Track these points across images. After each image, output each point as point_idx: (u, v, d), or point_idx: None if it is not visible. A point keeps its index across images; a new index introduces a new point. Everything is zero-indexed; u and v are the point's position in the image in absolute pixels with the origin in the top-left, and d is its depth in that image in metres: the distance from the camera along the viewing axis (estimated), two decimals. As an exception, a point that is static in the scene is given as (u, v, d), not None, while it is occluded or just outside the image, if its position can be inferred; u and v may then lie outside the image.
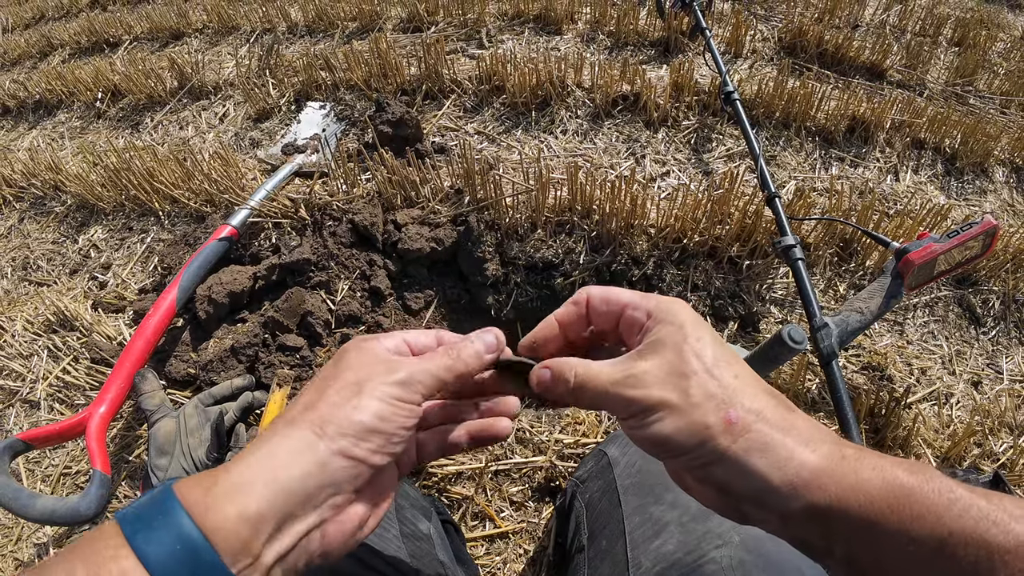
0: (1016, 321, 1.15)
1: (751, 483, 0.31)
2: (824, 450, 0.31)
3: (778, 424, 0.32)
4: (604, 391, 0.34)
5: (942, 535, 0.27)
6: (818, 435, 0.32)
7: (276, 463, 0.30)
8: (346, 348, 0.36)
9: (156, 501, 0.28)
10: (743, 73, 1.66)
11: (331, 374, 0.34)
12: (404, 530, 0.63)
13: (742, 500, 0.32)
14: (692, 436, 0.32)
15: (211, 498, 0.28)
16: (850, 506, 0.29)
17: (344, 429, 0.31)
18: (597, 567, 0.59)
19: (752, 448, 0.31)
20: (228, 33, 2.09)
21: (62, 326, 1.21)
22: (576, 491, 0.74)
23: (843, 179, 1.37)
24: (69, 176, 1.54)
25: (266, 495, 0.29)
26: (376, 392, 0.33)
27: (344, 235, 1.19)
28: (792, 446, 0.31)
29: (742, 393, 0.32)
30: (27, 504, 0.79)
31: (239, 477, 0.29)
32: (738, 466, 0.31)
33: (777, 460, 0.30)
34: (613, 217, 1.16)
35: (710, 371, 0.33)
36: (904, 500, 0.28)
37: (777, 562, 0.48)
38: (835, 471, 0.30)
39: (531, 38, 1.81)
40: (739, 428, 0.31)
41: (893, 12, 1.98)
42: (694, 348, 0.33)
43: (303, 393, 0.34)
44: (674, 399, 0.32)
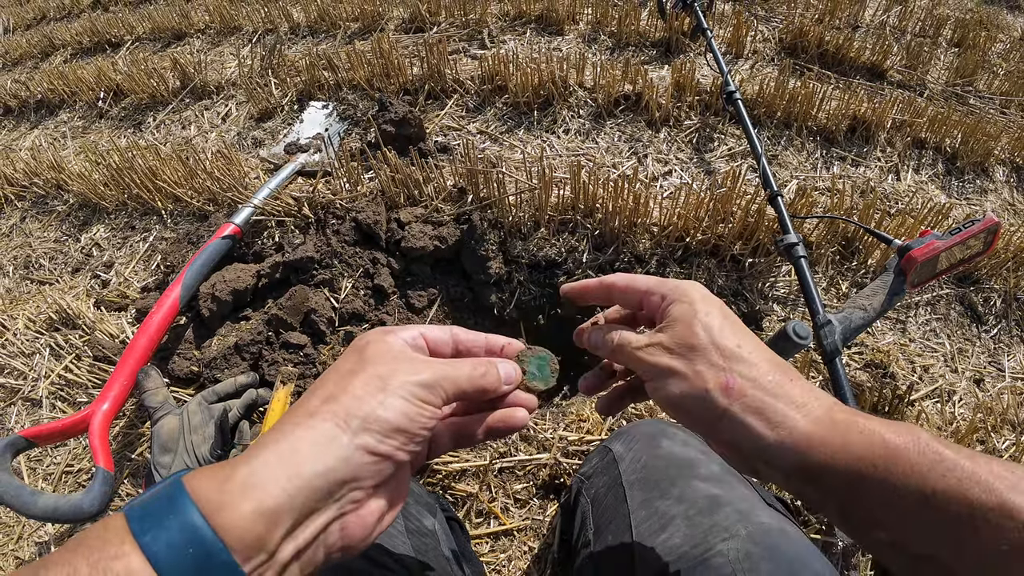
0: (1017, 319, 1.15)
1: (752, 441, 0.34)
2: (816, 414, 0.34)
3: (772, 390, 0.35)
4: (633, 355, 0.40)
5: (926, 492, 0.29)
6: (813, 400, 0.35)
7: (299, 456, 0.29)
8: (367, 340, 0.36)
9: (165, 495, 0.27)
10: (744, 73, 1.66)
11: (353, 367, 0.34)
12: (409, 526, 0.63)
13: (750, 456, 0.35)
14: (694, 398, 0.36)
15: (226, 494, 0.27)
16: (838, 465, 0.31)
17: (369, 424, 0.31)
18: (603, 562, 0.59)
19: (747, 410, 0.35)
20: (230, 33, 2.09)
21: (64, 324, 1.21)
22: (581, 487, 0.74)
23: (844, 178, 1.38)
24: (71, 175, 1.54)
25: (288, 489, 0.28)
26: (401, 390, 0.32)
27: (348, 233, 1.19)
28: (784, 409, 0.34)
29: (742, 362, 0.36)
30: (29, 502, 0.79)
31: (257, 470, 0.28)
32: (736, 424, 0.35)
33: (771, 421, 0.34)
34: (616, 216, 1.16)
35: (715, 342, 0.37)
36: (890, 460, 0.30)
37: (784, 554, 0.48)
38: (824, 435, 0.33)
39: (533, 38, 1.82)
40: (736, 392, 0.35)
41: (893, 13, 1.99)
42: (703, 322, 0.38)
43: (321, 385, 0.33)
44: (680, 366, 0.37)
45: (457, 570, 0.65)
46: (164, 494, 0.27)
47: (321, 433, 0.30)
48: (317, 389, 0.33)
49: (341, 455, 0.30)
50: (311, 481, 0.28)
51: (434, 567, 0.59)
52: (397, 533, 0.60)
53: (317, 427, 0.30)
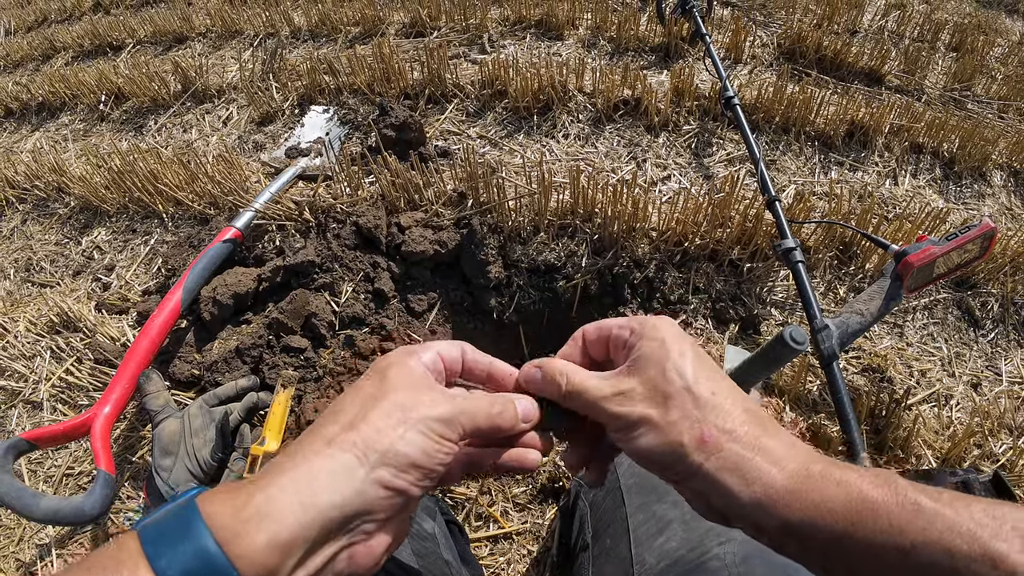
0: (1015, 323, 1.16)
1: (723, 499, 0.33)
2: (791, 468, 0.32)
3: (749, 444, 0.33)
4: (594, 404, 0.37)
5: (905, 546, 0.28)
6: (789, 453, 0.33)
7: (316, 486, 0.29)
8: (389, 362, 0.36)
9: (180, 518, 0.27)
10: (743, 78, 1.67)
11: (375, 392, 0.33)
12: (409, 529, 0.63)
13: (722, 511, 0.34)
14: (668, 453, 0.34)
15: (241, 522, 0.27)
16: (817, 523, 0.30)
17: (387, 459, 0.30)
18: (602, 565, 0.60)
19: (723, 467, 0.33)
20: (231, 37, 2.10)
21: (65, 327, 1.22)
22: (580, 491, 0.74)
23: (842, 183, 1.39)
24: (72, 178, 1.54)
25: (302, 520, 0.28)
26: (421, 424, 0.32)
27: (348, 237, 1.20)
28: (760, 465, 0.32)
29: (717, 411, 0.34)
30: (31, 504, 0.79)
31: (274, 497, 0.28)
32: (709, 482, 0.33)
33: (745, 479, 0.32)
34: (615, 220, 1.16)
35: (690, 388, 0.35)
36: (868, 514, 0.29)
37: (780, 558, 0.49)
38: (800, 490, 0.31)
39: (533, 43, 1.83)
40: (711, 447, 0.33)
41: (891, 18, 2.00)
42: (676, 364, 0.35)
43: (341, 408, 0.33)
44: (654, 416, 0.34)
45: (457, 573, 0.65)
46: (179, 517, 0.27)
47: (339, 464, 0.30)
48: (338, 413, 0.33)
49: (357, 488, 0.29)
50: (326, 512, 0.28)
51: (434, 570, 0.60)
52: (397, 536, 0.60)
53: (336, 457, 0.30)
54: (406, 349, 0.37)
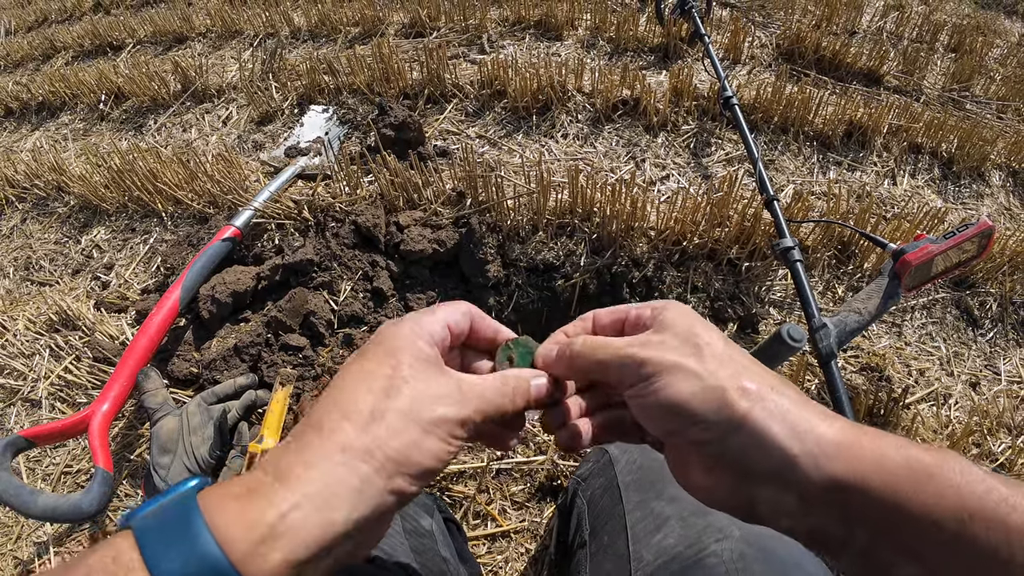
0: (1013, 323, 1.16)
1: (770, 455, 0.29)
2: (839, 424, 0.30)
3: (792, 398, 0.31)
4: (617, 352, 0.34)
5: (963, 516, 0.26)
6: (834, 414, 0.31)
7: (334, 502, 0.27)
8: (397, 343, 0.33)
9: (183, 524, 0.25)
10: (742, 78, 1.67)
11: (386, 383, 0.31)
12: (407, 526, 0.63)
13: (759, 480, 0.30)
14: (708, 399, 0.31)
15: (255, 543, 0.25)
16: (874, 483, 0.27)
17: (404, 468, 0.29)
18: (599, 562, 0.60)
19: (771, 415, 0.30)
20: (231, 37, 2.11)
21: (64, 325, 1.22)
22: (578, 488, 0.74)
23: (841, 183, 1.39)
24: (72, 177, 1.54)
25: (320, 540, 0.26)
26: (439, 430, 0.31)
27: (347, 236, 1.20)
28: (810, 417, 0.30)
29: (754, 369, 0.32)
30: (29, 501, 0.79)
31: (289, 516, 0.26)
32: (756, 434, 0.29)
33: (796, 429, 0.29)
34: (613, 220, 1.17)
35: (722, 347, 0.33)
36: (927, 479, 0.27)
37: (777, 555, 0.49)
38: (855, 446, 0.28)
39: (532, 44, 1.83)
40: (755, 395, 0.30)
41: (890, 19, 2.00)
42: (703, 330, 0.34)
43: (354, 396, 0.31)
44: (689, 363, 0.32)
45: (454, 571, 0.65)
46: (181, 522, 0.25)
47: (358, 477, 0.28)
48: (348, 405, 0.30)
49: (374, 502, 0.28)
50: (343, 529, 0.27)
51: (432, 567, 0.60)
52: (395, 533, 0.60)
53: (353, 469, 0.28)
54: (414, 323, 0.35)
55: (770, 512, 0.31)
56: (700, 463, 0.33)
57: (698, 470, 0.33)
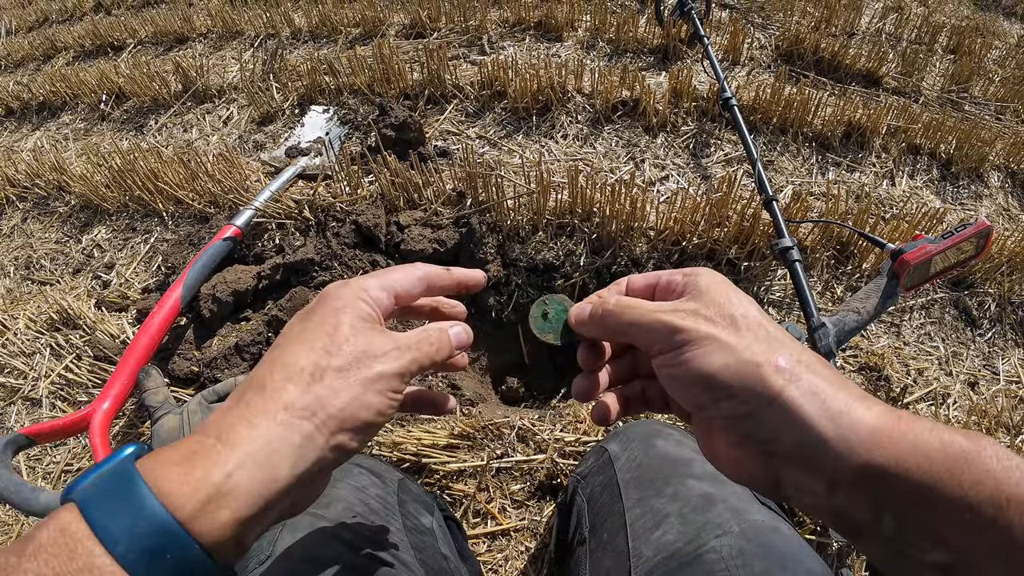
0: (1012, 323, 1.16)
1: (801, 435, 0.28)
2: (878, 408, 0.29)
3: (828, 378, 0.30)
4: (649, 316, 0.33)
5: (1000, 502, 0.25)
6: (869, 396, 0.30)
7: (276, 460, 0.28)
8: (339, 304, 0.34)
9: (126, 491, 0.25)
10: (741, 80, 1.68)
11: (327, 343, 0.32)
12: (407, 523, 0.63)
13: (786, 460, 0.29)
14: (741, 373, 0.30)
15: (201, 503, 0.25)
16: (909, 468, 0.26)
17: (345, 425, 0.30)
18: (599, 559, 0.60)
19: (805, 394, 0.29)
20: (232, 38, 2.11)
21: (65, 324, 1.22)
22: (578, 486, 0.74)
23: (839, 183, 1.39)
24: (73, 177, 1.55)
25: (265, 496, 0.27)
26: (379, 385, 0.32)
27: (347, 236, 1.20)
28: (846, 399, 0.29)
29: (790, 345, 0.31)
30: (30, 498, 0.79)
31: (234, 476, 0.27)
32: (789, 412, 0.29)
33: (831, 411, 0.28)
34: (613, 220, 1.17)
35: (758, 319, 0.32)
36: (963, 464, 0.26)
37: (777, 551, 0.49)
38: (893, 429, 0.28)
39: (532, 45, 1.84)
40: (789, 373, 0.29)
41: (889, 20, 2.01)
42: (739, 299, 0.33)
43: (296, 356, 0.31)
44: (723, 335, 0.31)
45: (455, 568, 0.65)
46: (124, 488, 0.25)
47: (299, 435, 0.29)
48: (290, 364, 0.31)
49: (316, 457, 0.29)
50: (286, 485, 0.28)
51: (432, 564, 0.60)
52: (395, 530, 0.60)
53: (295, 427, 0.29)
54: (358, 285, 0.36)
55: (795, 492, 0.30)
56: (727, 437, 0.32)
57: (725, 444, 0.32)
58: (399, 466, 0.93)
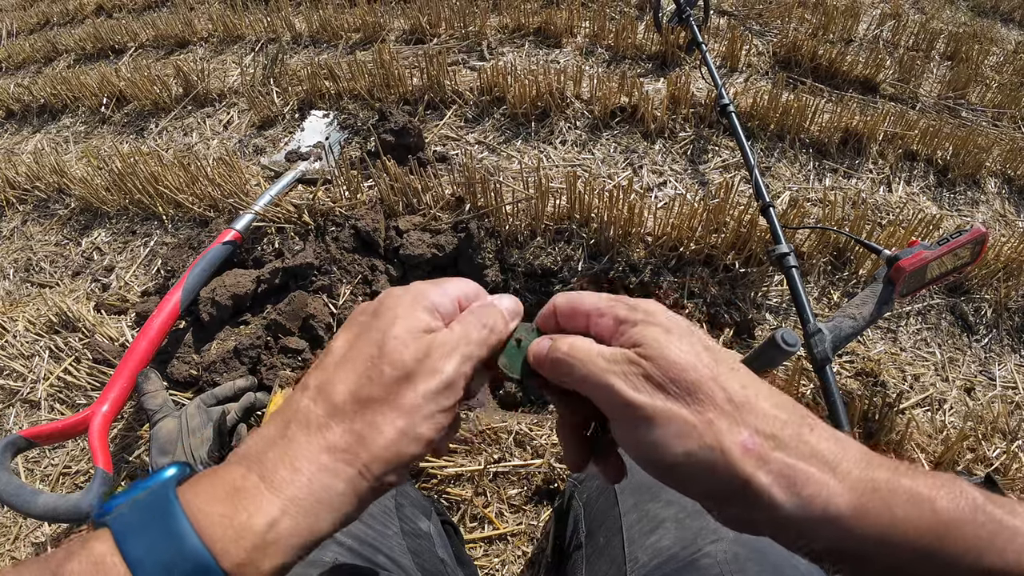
0: (1008, 329, 1.17)
1: (773, 519, 0.27)
2: (853, 477, 0.27)
3: (797, 450, 0.28)
4: (600, 377, 0.30)
5: (982, 571, 0.25)
6: (841, 453, 0.28)
7: (320, 508, 0.27)
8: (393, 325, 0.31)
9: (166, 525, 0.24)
10: (738, 86, 1.69)
11: (371, 368, 0.30)
12: (405, 527, 0.64)
13: (765, 529, 0.28)
14: (706, 463, 0.27)
15: (246, 551, 0.25)
16: (882, 546, 0.26)
17: (391, 465, 0.29)
18: (595, 563, 0.60)
19: (775, 481, 0.27)
20: (233, 42, 2.12)
21: (64, 327, 1.22)
22: (574, 491, 0.75)
23: (836, 190, 1.40)
24: (73, 179, 1.55)
25: (307, 545, 0.27)
26: (424, 410, 0.29)
27: (347, 240, 1.21)
28: (818, 478, 0.27)
29: (753, 410, 0.28)
30: (29, 500, 0.80)
31: (278, 525, 0.26)
32: (759, 501, 0.27)
33: (800, 496, 0.27)
34: (611, 225, 1.18)
35: (716, 379, 0.29)
36: (943, 536, 0.25)
37: (771, 556, 0.49)
38: (867, 507, 0.26)
39: (531, 51, 1.85)
40: (758, 455, 0.27)
41: (886, 27, 2.02)
42: (691, 351, 0.30)
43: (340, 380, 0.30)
44: (682, 413, 0.28)
45: (452, 573, 0.66)
46: (163, 524, 0.24)
47: (343, 480, 0.27)
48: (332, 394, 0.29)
49: (361, 502, 0.28)
50: (329, 530, 0.27)
51: (429, 568, 0.60)
52: (392, 535, 0.60)
53: (339, 473, 0.27)
54: (418, 292, 0.33)
55: (783, 544, 0.29)
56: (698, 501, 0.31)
57: (697, 496, 0.31)
58: (397, 470, 0.93)
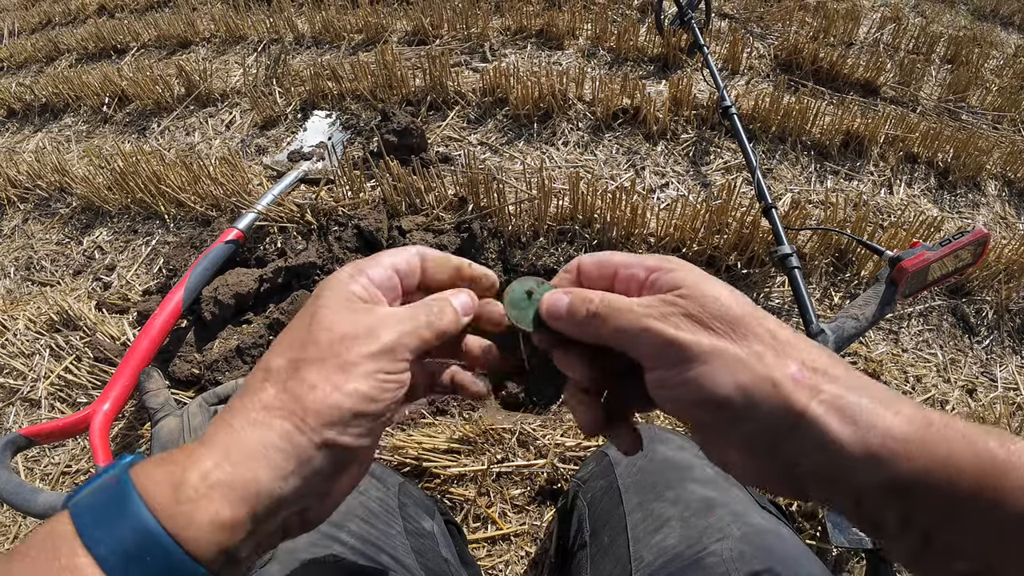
0: (1009, 330, 1.17)
1: (825, 456, 0.26)
2: (907, 411, 0.26)
3: (848, 383, 0.27)
4: (640, 323, 0.29)
5: None
6: (891, 393, 0.27)
7: (255, 463, 0.26)
8: (323, 289, 0.31)
9: (115, 494, 0.24)
10: (740, 89, 1.69)
11: (304, 335, 0.30)
12: (408, 527, 0.64)
13: (811, 479, 0.27)
14: (757, 394, 0.26)
15: (180, 503, 0.24)
16: (939, 481, 0.25)
17: (329, 418, 0.27)
18: (599, 562, 0.60)
19: (829, 410, 0.26)
20: (235, 43, 2.12)
21: (65, 325, 1.22)
22: (578, 491, 0.74)
23: (838, 192, 1.40)
24: (75, 178, 1.55)
25: (246, 499, 0.25)
26: (361, 368, 0.28)
27: (349, 240, 1.21)
28: (873, 409, 0.26)
29: (797, 347, 0.27)
30: (29, 499, 0.79)
31: (210, 477, 0.25)
32: (813, 434, 0.26)
33: (858, 425, 0.25)
34: (614, 226, 1.18)
35: (756, 317, 0.28)
36: (997, 477, 0.24)
37: (777, 555, 0.49)
38: (923, 439, 0.25)
39: (533, 53, 1.85)
40: (810, 385, 0.26)
41: (887, 30, 2.03)
42: (731, 295, 0.29)
43: (275, 353, 0.30)
44: (730, 348, 0.27)
45: (456, 572, 0.65)
46: (113, 492, 0.25)
47: (278, 434, 0.26)
48: (270, 363, 0.29)
49: (300, 458, 0.27)
50: (270, 488, 0.26)
51: (433, 568, 0.60)
52: (396, 533, 0.60)
53: (273, 426, 0.27)
54: (353, 267, 0.33)
55: (822, 502, 0.28)
56: (741, 449, 0.29)
57: (738, 456, 0.29)
58: (400, 470, 0.93)
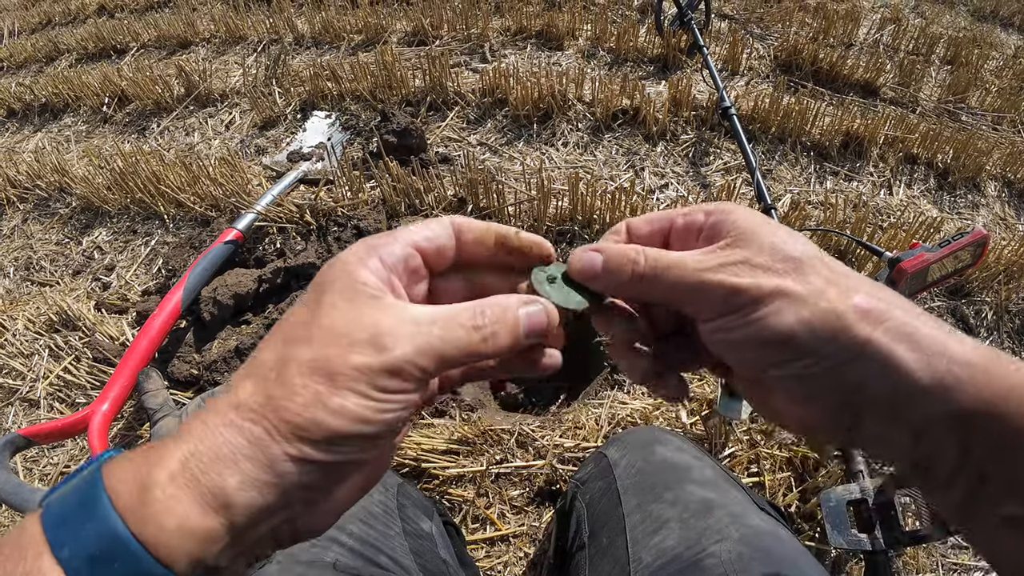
0: (1009, 331, 1.17)
1: (894, 384, 0.25)
2: (972, 343, 0.25)
3: (912, 312, 0.26)
4: (695, 277, 0.27)
5: None
6: (953, 329, 0.26)
7: (221, 467, 0.22)
8: (332, 275, 0.26)
9: (84, 494, 0.22)
10: (740, 89, 1.70)
11: (301, 331, 0.25)
12: (407, 528, 0.63)
13: (871, 411, 0.26)
14: (822, 328, 0.25)
15: (145, 505, 0.22)
16: (1005, 412, 0.24)
17: (305, 432, 0.23)
18: (598, 564, 0.60)
19: (896, 337, 0.25)
20: (235, 43, 2.12)
21: (64, 326, 1.22)
22: (577, 492, 0.74)
23: (837, 192, 1.40)
24: (75, 178, 1.55)
25: (212, 505, 0.22)
26: (353, 382, 0.24)
27: (349, 240, 1.21)
28: (939, 337, 0.25)
29: (861, 282, 0.27)
30: (28, 499, 0.79)
31: (176, 479, 0.22)
32: (881, 361, 0.25)
33: (926, 352, 0.25)
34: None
35: (816, 256, 0.27)
36: None
37: (776, 557, 0.49)
38: (991, 368, 0.24)
39: (533, 53, 1.85)
40: (875, 316, 0.25)
41: (887, 31, 2.03)
42: (789, 236, 0.28)
43: (270, 343, 0.25)
44: (792, 285, 0.26)
45: (454, 574, 0.65)
46: (83, 492, 0.23)
47: (246, 439, 0.23)
48: (257, 358, 0.25)
49: (276, 469, 0.23)
50: (242, 499, 0.23)
51: (432, 569, 0.60)
52: (394, 535, 0.60)
53: (243, 429, 0.23)
54: (364, 246, 0.27)
55: (872, 443, 0.27)
56: (794, 394, 0.28)
57: (787, 401, 0.29)
58: (398, 471, 0.93)
